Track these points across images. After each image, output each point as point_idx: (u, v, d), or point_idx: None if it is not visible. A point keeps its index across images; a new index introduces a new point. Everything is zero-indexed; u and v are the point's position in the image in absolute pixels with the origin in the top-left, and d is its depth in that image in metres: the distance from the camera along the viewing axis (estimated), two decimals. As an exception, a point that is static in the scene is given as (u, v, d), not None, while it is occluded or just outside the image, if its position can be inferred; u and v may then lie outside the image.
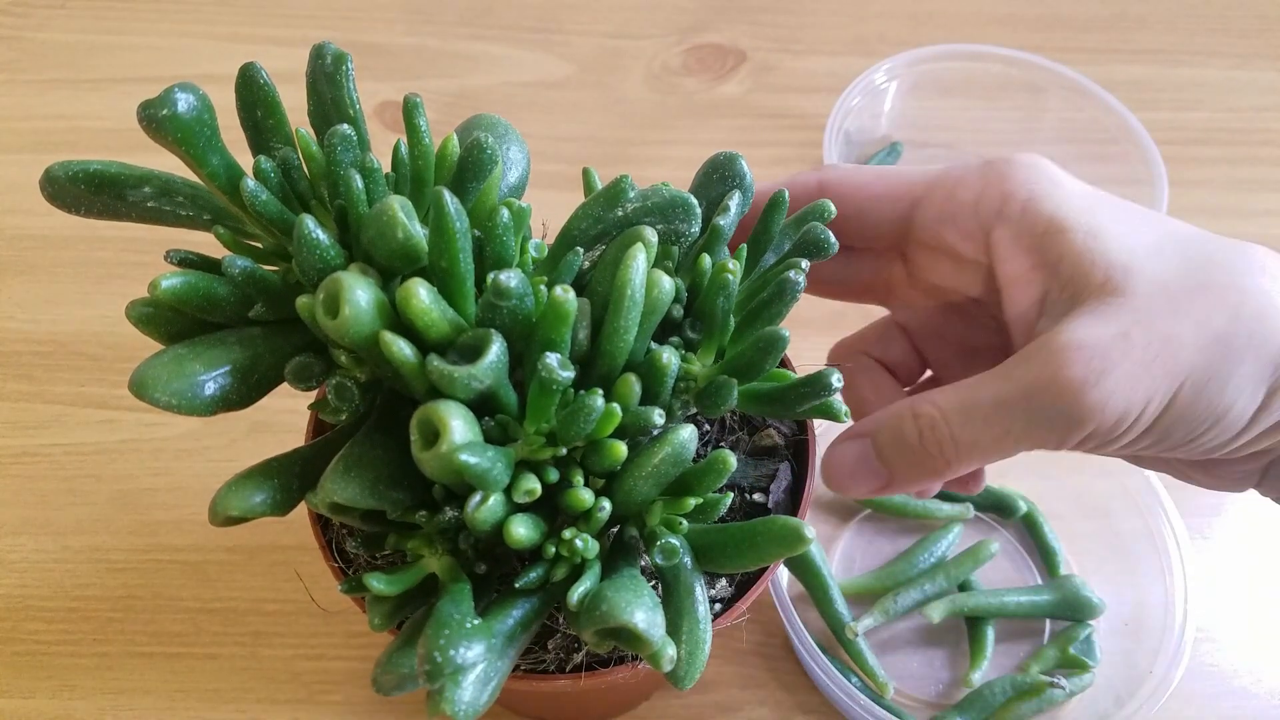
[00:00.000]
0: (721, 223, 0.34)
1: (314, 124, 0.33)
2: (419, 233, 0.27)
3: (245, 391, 0.30)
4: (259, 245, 0.31)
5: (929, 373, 0.46)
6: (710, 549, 0.32)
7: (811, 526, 0.30)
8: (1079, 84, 0.72)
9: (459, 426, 0.26)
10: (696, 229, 0.33)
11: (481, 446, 0.26)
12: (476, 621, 0.28)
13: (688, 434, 0.29)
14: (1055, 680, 0.52)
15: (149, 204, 0.31)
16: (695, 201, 0.32)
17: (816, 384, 0.32)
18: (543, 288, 0.29)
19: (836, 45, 0.84)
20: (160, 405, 0.28)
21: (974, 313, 0.41)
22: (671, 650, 0.29)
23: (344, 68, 0.31)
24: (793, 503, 0.40)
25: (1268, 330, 0.31)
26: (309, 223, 0.28)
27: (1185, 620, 0.52)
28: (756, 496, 0.40)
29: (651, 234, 0.30)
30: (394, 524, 0.31)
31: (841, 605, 0.55)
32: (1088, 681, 0.53)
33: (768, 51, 0.84)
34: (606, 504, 0.30)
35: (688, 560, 0.32)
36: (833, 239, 0.35)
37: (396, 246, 0.27)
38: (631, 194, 0.32)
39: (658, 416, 0.29)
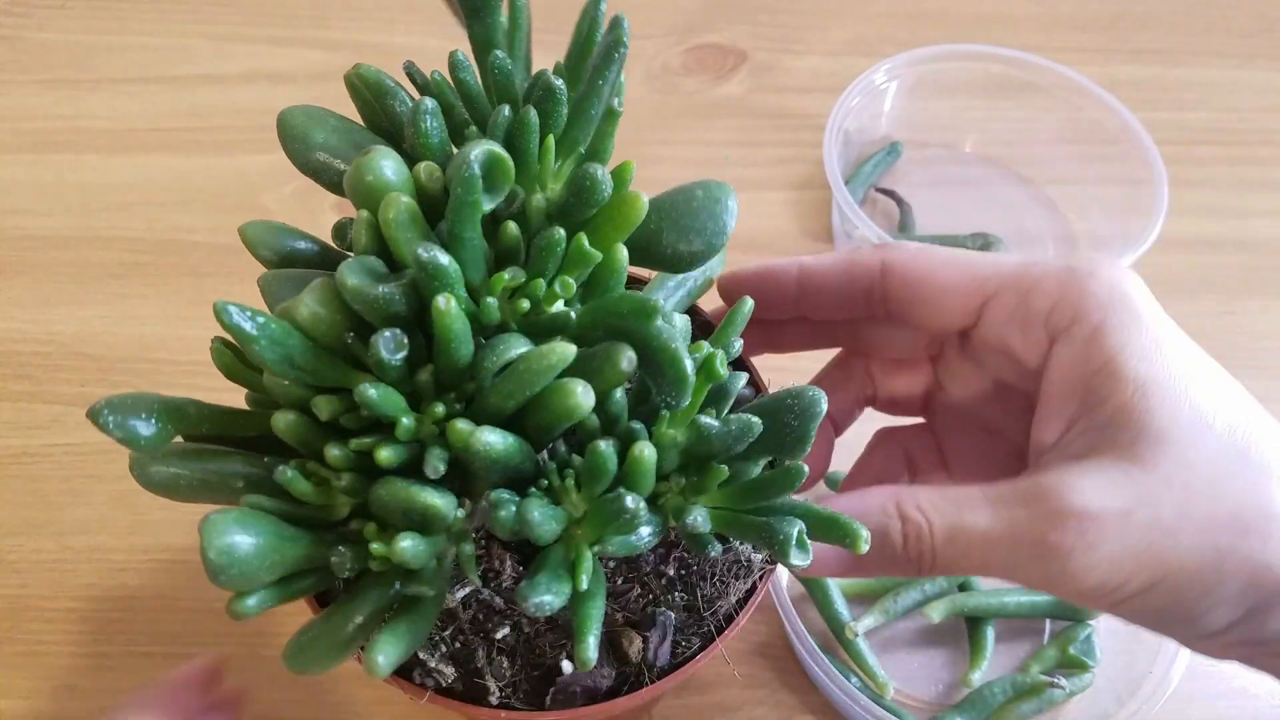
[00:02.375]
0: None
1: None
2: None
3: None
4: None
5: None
6: None
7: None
8: (1079, 84, 0.72)
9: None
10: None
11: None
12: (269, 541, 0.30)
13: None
14: (1055, 680, 0.52)
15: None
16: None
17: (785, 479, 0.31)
18: (441, 297, 0.29)
19: (836, 45, 0.84)
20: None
21: (1006, 396, 0.40)
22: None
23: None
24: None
25: (1268, 556, 0.30)
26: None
27: (1185, 620, 0.52)
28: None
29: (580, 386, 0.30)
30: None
31: (841, 605, 0.55)
32: (1088, 681, 0.53)
33: (768, 51, 0.84)
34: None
35: None
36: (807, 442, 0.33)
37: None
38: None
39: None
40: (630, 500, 0.29)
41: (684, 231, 0.34)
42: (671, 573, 0.39)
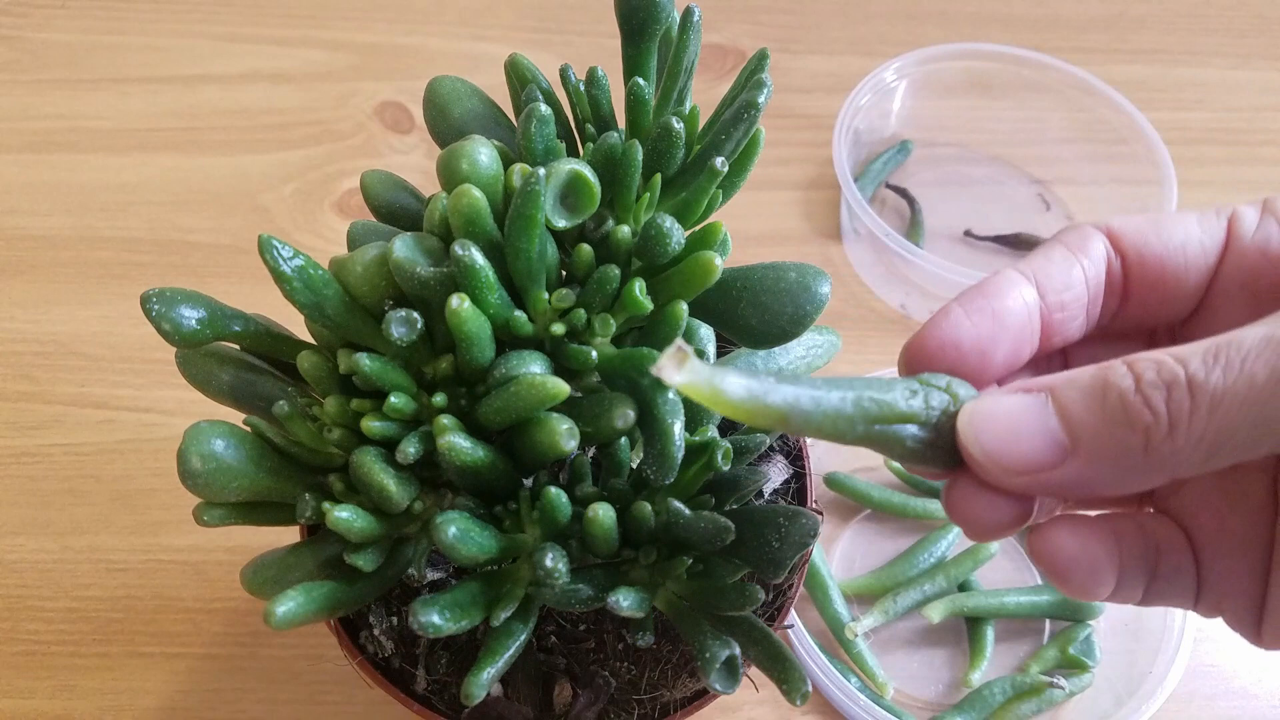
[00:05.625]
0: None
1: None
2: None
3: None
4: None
5: None
6: None
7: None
8: (1089, 84, 0.72)
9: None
10: None
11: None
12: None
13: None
14: (1055, 680, 0.52)
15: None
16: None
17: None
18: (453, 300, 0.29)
19: (837, 45, 0.84)
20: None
21: None
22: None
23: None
24: None
25: None
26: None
27: (1185, 620, 0.52)
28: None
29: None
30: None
31: (841, 605, 0.55)
32: (1088, 681, 0.53)
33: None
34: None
35: None
36: None
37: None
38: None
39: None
40: (550, 558, 0.28)
41: (762, 309, 0.32)
42: (629, 641, 0.37)
